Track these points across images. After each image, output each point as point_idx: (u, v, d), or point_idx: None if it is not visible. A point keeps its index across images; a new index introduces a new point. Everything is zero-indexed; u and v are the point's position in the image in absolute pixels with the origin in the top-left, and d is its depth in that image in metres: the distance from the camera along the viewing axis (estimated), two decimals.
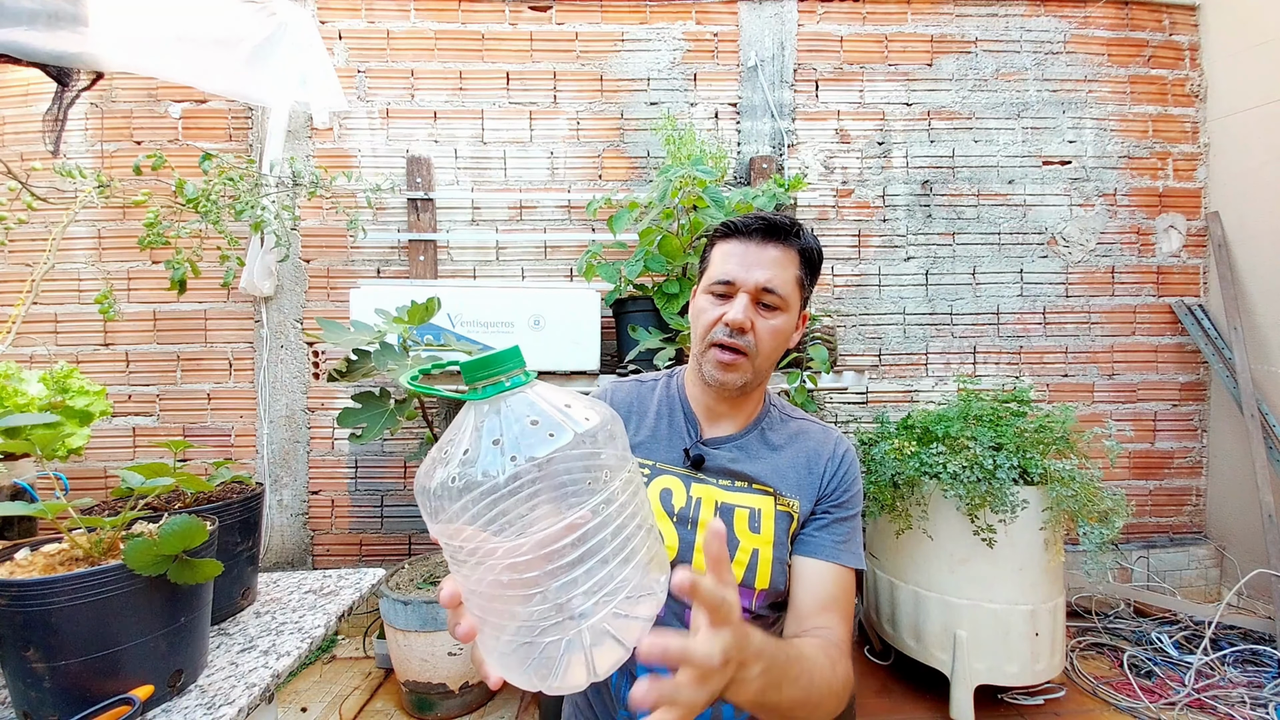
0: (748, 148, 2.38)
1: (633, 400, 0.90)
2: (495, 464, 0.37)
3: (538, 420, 0.39)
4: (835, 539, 0.78)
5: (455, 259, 2.35)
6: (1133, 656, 1.99)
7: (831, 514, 0.80)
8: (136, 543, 0.63)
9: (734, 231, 0.81)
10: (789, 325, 0.80)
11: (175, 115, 2.30)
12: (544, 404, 0.41)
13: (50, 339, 2.30)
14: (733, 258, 0.80)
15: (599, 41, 2.36)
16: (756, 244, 0.79)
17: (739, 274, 0.78)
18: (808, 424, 0.88)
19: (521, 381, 0.41)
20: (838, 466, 0.82)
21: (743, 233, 0.80)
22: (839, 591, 0.75)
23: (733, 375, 0.79)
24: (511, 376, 0.41)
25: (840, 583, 0.76)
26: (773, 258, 0.78)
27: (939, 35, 2.42)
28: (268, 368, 2.30)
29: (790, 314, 0.80)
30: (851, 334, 2.42)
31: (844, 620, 0.73)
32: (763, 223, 0.79)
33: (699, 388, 0.86)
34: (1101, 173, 2.45)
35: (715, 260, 0.82)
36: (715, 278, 0.80)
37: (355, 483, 2.35)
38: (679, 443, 0.84)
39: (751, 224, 0.79)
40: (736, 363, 0.78)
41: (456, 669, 1.73)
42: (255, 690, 0.70)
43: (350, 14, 2.32)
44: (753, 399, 0.87)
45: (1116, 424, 2.44)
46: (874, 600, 1.95)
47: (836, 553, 0.77)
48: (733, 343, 0.77)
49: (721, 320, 0.78)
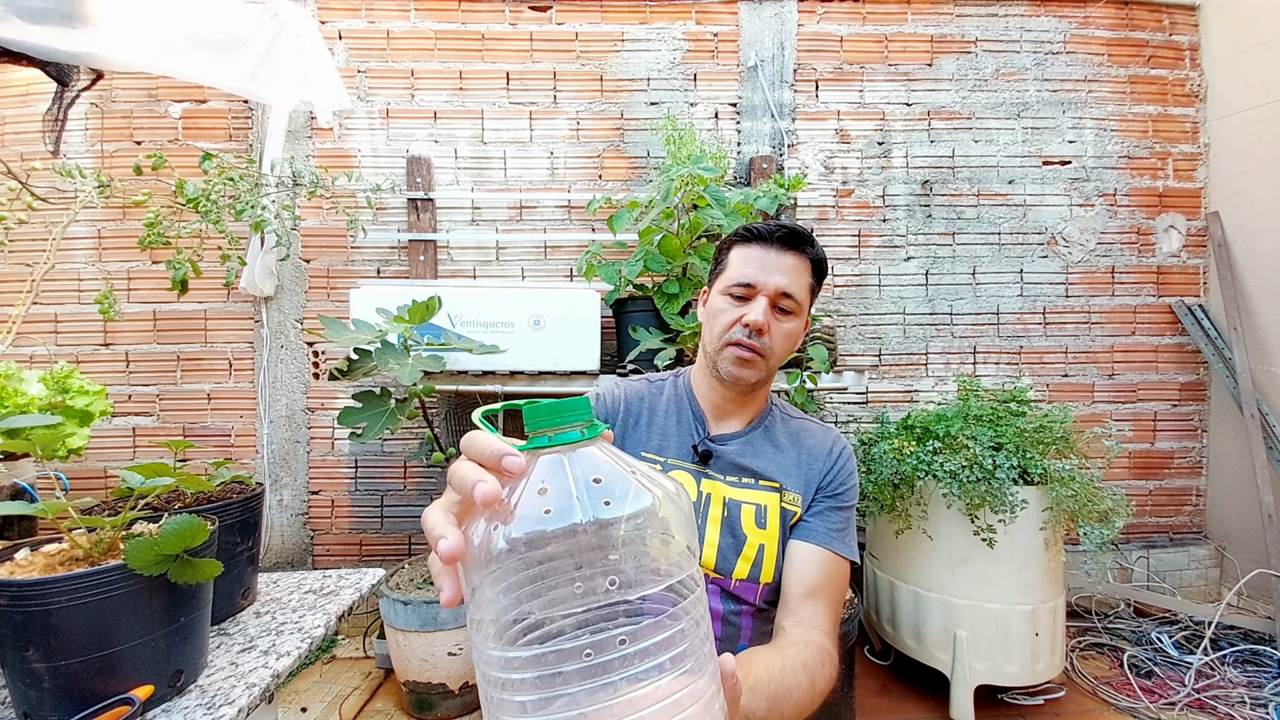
0: (748, 148, 2.38)
1: (644, 396, 0.92)
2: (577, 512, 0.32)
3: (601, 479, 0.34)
4: (828, 526, 0.81)
5: (455, 259, 2.35)
6: (1133, 656, 1.99)
7: (826, 503, 0.83)
8: (137, 543, 0.63)
9: (755, 237, 0.84)
10: (799, 329, 0.85)
11: (175, 115, 2.30)
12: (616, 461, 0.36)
13: (50, 339, 2.30)
14: (752, 262, 0.83)
15: (599, 41, 2.36)
16: (776, 251, 0.82)
17: (759, 278, 0.82)
18: (808, 423, 0.92)
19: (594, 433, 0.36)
20: (834, 460, 0.85)
21: (764, 239, 0.83)
22: (826, 579, 0.77)
23: (749, 371, 0.82)
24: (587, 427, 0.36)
25: (829, 569, 0.78)
26: (790, 265, 0.82)
27: (939, 35, 2.42)
28: (268, 368, 2.30)
29: (802, 318, 0.85)
30: (851, 334, 2.42)
31: (830, 608, 0.75)
32: (783, 230, 0.83)
33: (708, 385, 0.89)
34: (1101, 173, 2.45)
35: (734, 263, 0.85)
36: (735, 280, 0.83)
37: (355, 483, 2.35)
38: (687, 439, 0.86)
39: (774, 231, 0.83)
40: (753, 360, 0.81)
41: (456, 669, 1.73)
42: (255, 690, 0.70)
43: (350, 14, 2.32)
44: (758, 398, 0.90)
45: (1116, 424, 2.44)
46: (874, 600, 1.95)
47: (829, 539, 0.79)
48: (751, 343, 0.81)
49: (741, 321, 0.81)
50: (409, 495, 2.35)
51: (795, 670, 0.61)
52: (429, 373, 1.60)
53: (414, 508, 2.35)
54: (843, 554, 0.80)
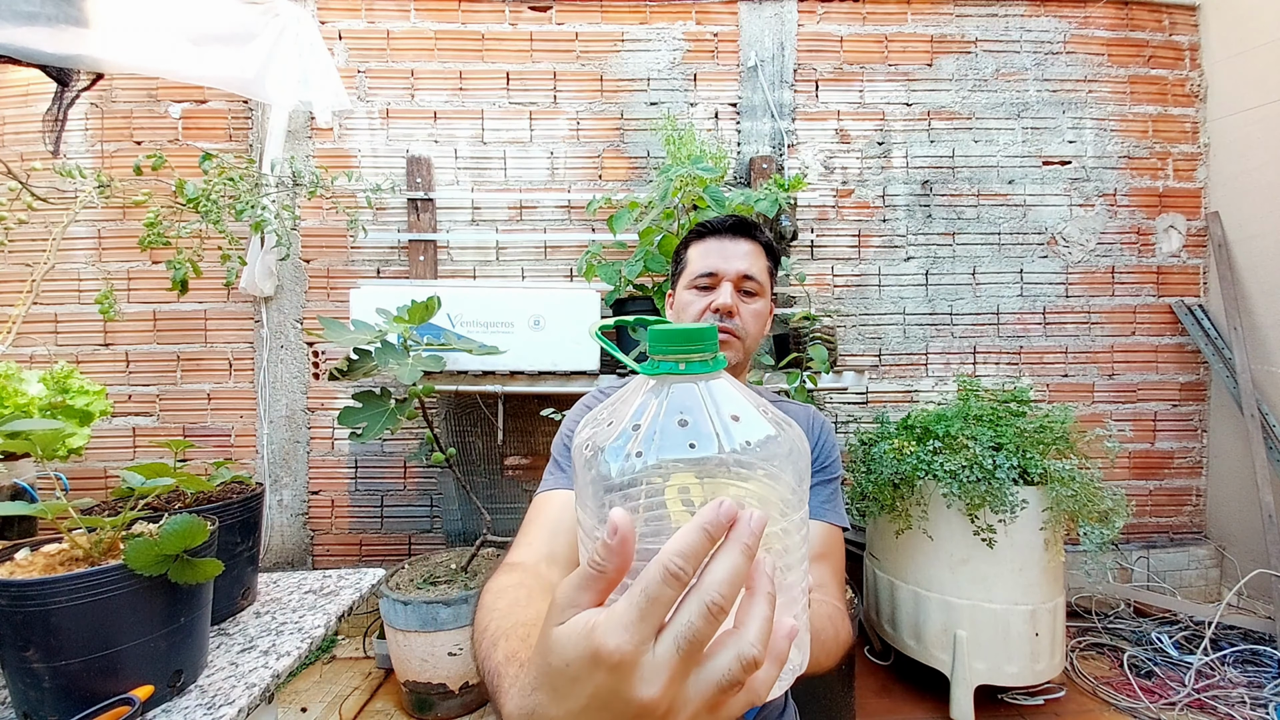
0: (748, 148, 2.38)
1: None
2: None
3: (738, 415, 0.34)
4: (819, 500, 0.83)
5: (455, 259, 2.35)
6: (1133, 656, 1.99)
7: (815, 478, 0.85)
8: (137, 543, 0.63)
9: (709, 231, 0.90)
10: (766, 309, 0.90)
11: (175, 115, 2.30)
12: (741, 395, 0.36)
13: (50, 339, 2.30)
14: (711, 253, 0.88)
15: (599, 41, 2.36)
16: (730, 239, 0.88)
17: (720, 265, 0.87)
18: (787, 404, 0.96)
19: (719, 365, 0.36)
20: (817, 436, 0.89)
21: (717, 231, 0.89)
22: (825, 548, 0.80)
23: (726, 353, 0.85)
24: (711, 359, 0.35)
25: (827, 539, 0.81)
26: (746, 250, 0.88)
27: (939, 35, 2.42)
28: (268, 368, 2.30)
29: (766, 298, 0.90)
30: (851, 334, 2.42)
31: (835, 574, 0.79)
32: (733, 220, 0.90)
33: None
34: (1101, 173, 2.45)
35: (694, 258, 0.90)
36: (698, 272, 0.88)
37: (355, 483, 2.35)
38: None
39: (725, 222, 0.90)
40: (729, 342, 0.85)
41: (457, 669, 1.73)
42: (255, 690, 0.70)
43: (350, 14, 2.32)
44: (739, 382, 0.92)
45: (1116, 424, 2.44)
46: (874, 600, 1.95)
47: (821, 511, 0.82)
48: (724, 326, 0.84)
49: (710, 307, 0.86)
50: (409, 495, 2.35)
51: (822, 619, 0.65)
52: (429, 373, 1.60)
53: (414, 508, 2.36)
54: (835, 523, 0.83)
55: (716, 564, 0.26)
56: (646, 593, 0.25)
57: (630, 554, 0.28)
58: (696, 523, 0.26)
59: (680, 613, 0.25)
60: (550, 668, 0.27)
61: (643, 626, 0.25)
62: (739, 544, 0.26)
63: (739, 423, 0.33)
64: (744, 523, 0.27)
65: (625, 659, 0.25)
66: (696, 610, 0.25)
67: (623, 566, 0.28)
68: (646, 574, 0.26)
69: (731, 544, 0.26)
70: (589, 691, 0.26)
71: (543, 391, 1.95)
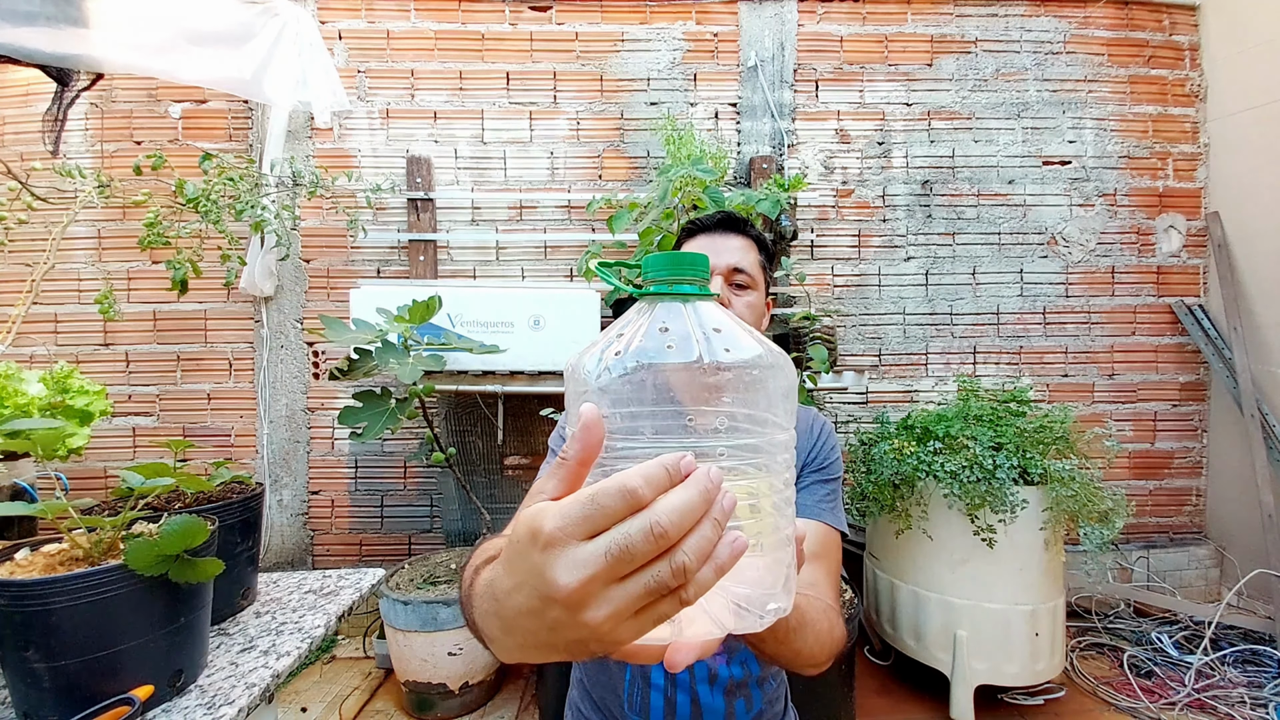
0: (748, 148, 2.37)
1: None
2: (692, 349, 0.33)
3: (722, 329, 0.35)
4: (816, 499, 0.82)
5: (455, 259, 2.35)
6: (1133, 656, 1.99)
7: (813, 477, 0.85)
8: (137, 543, 0.63)
9: (698, 228, 0.91)
10: (760, 302, 0.89)
11: (175, 115, 2.30)
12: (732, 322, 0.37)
13: (50, 339, 2.30)
14: (701, 250, 0.88)
15: (599, 41, 2.36)
16: (720, 235, 0.89)
17: (710, 260, 0.85)
18: None
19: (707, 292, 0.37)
20: (817, 437, 0.88)
21: (707, 228, 0.90)
22: (822, 548, 0.79)
23: None
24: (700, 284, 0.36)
25: (822, 540, 0.80)
26: (736, 245, 0.88)
27: (939, 35, 2.42)
28: (268, 368, 2.30)
29: (760, 292, 0.89)
30: (851, 334, 2.42)
31: (830, 575, 0.78)
32: (722, 215, 0.90)
33: None
34: (1101, 173, 2.45)
35: None
36: None
37: (355, 483, 2.35)
38: None
39: (714, 218, 0.90)
40: None
41: (456, 669, 1.73)
42: (255, 690, 0.70)
43: (350, 14, 2.32)
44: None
45: (1116, 424, 2.44)
46: (874, 600, 1.95)
47: (819, 511, 0.81)
48: None
49: None
50: (409, 495, 2.36)
51: (817, 611, 0.65)
52: (429, 372, 1.60)
53: (414, 508, 2.36)
54: (833, 525, 0.82)
55: (673, 493, 0.27)
56: (595, 499, 0.26)
57: (594, 443, 0.30)
58: (660, 460, 0.27)
59: (622, 524, 0.26)
60: (509, 544, 0.30)
61: (582, 523, 0.26)
62: (700, 485, 0.27)
63: (720, 334, 0.34)
64: (704, 470, 0.27)
65: (553, 542, 0.26)
66: (638, 526, 0.26)
67: (584, 455, 0.30)
68: (602, 483, 0.27)
69: (693, 482, 0.27)
70: (524, 568, 0.28)
71: (543, 391, 1.95)
